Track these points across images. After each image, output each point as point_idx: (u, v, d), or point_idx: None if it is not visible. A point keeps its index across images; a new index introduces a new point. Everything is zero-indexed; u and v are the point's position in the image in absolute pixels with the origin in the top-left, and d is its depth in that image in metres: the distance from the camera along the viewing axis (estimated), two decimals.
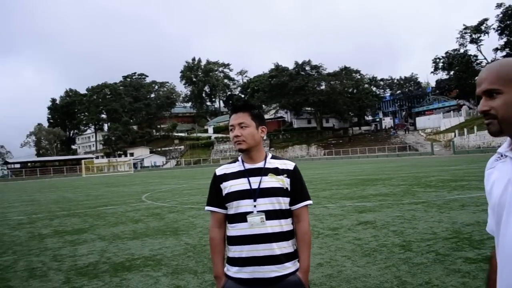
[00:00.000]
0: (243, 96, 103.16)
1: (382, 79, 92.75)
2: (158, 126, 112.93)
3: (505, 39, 72.84)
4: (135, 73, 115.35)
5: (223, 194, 2.25)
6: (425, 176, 19.36)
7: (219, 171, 2.34)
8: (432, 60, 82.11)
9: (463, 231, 6.78)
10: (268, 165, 2.27)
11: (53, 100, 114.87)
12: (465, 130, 57.30)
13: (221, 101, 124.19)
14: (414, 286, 4.40)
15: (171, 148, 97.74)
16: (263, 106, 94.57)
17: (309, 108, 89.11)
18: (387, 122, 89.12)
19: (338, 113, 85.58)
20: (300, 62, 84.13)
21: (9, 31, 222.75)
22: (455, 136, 59.48)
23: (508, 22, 70.01)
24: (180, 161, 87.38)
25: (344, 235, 7.13)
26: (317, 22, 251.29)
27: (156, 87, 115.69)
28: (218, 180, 2.30)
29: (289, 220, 2.25)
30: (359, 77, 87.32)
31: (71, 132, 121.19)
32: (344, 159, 64.99)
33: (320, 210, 10.25)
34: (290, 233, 2.23)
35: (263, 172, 2.24)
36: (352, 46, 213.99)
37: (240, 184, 2.22)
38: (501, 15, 70.20)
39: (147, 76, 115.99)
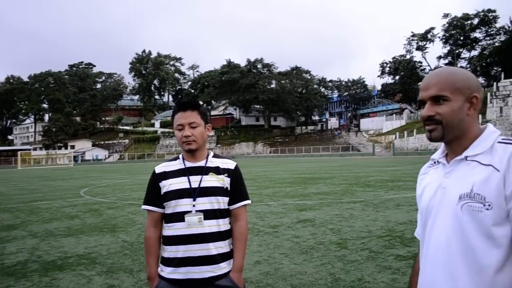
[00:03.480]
0: (193, 91, 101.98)
1: (331, 81, 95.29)
2: (103, 119, 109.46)
3: (448, 48, 77.02)
4: (81, 62, 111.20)
5: (162, 192, 2.20)
6: (365, 176, 20.01)
7: (159, 168, 2.27)
8: (380, 64, 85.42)
9: (396, 230, 7.05)
10: (209, 164, 2.24)
11: None
12: (405, 132, 59.78)
13: (170, 95, 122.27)
14: (347, 283, 4.51)
15: (115, 141, 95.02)
16: (213, 102, 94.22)
17: (258, 106, 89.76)
18: (333, 122, 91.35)
19: (287, 112, 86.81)
20: (252, 59, 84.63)
21: None
22: (395, 138, 61.92)
23: (452, 32, 74.05)
24: (124, 155, 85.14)
25: (283, 232, 7.21)
26: (272, 18, 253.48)
27: (103, 77, 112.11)
28: (157, 178, 2.24)
29: (227, 220, 2.23)
30: (309, 77, 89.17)
31: (8, 122, 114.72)
32: (290, 157, 65.91)
33: (262, 207, 10.33)
34: (227, 232, 2.22)
35: (204, 171, 2.21)
36: (304, 45, 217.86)
37: (179, 183, 2.18)
38: (446, 25, 74.06)
39: (94, 66, 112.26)
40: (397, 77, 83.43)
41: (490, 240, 1.24)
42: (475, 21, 71.97)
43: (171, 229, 2.16)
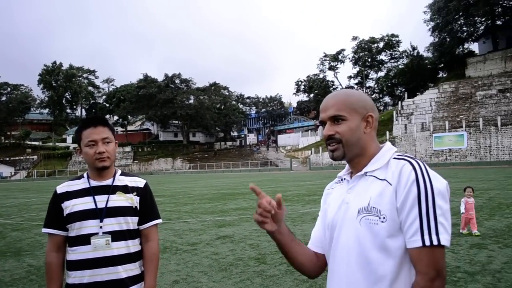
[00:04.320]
0: (108, 105, 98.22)
1: (248, 97, 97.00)
2: (8, 133, 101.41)
3: (357, 69, 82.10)
4: None
5: (64, 214, 2.05)
6: (283, 190, 20.46)
7: (60, 188, 2.12)
8: (295, 82, 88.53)
9: None
10: (117, 183, 2.14)
11: None
12: (320, 148, 62.19)
13: (83, 109, 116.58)
14: None
15: (22, 157, 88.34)
16: (129, 116, 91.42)
17: (177, 122, 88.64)
18: (252, 138, 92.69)
19: (205, 127, 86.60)
20: (170, 74, 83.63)
21: None
22: (311, 153, 64.17)
23: (361, 54, 79.01)
24: (32, 172, 79.41)
25: (202, 250, 7.13)
26: (188, 30, 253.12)
27: (9, 89, 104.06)
28: (59, 198, 2.09)
29: (136, 241, 2.13)
30: (227, 93, 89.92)
31: None
32: (209, 173, 65.68)
33: (180, 225, 10.14)
34: (137, 254, 2.12)
35: (111, 190, 2.10)
36: (222, 61, 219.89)
37: (84, 203, 2.05)
38: (355, 47, 78.91)
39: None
40: (311, 95, 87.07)
41: (385, 251, 1.29)
42: (381, 44, 77.57)
43: (75, 253, 2.03)
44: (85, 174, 2.16)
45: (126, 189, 2.13)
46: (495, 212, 10.21)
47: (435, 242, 1.23)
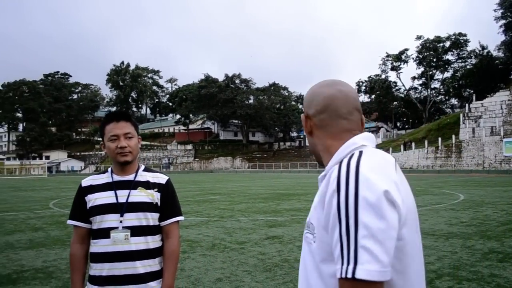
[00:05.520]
0: (170, 104, 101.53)
1: None
2: (79, 130, 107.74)
3: (422, 69, 78.82)
4: (57, 72, 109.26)
5: (87, 207, 2.10)
6: None
7: (85, 182, 2.18)
8: (356, 83, 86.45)
9: None
10: (139, 178, 2.16)
11: None
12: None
13: (148, 108, 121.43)
14: None
15: (91, 153, 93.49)
16: (191, 115, 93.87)
17: (237, 121, 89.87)
18: None
19: (265, 127, 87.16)
20: (230, 74, 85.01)
21: None
22: None
23: (425, 54, 75.83)
24: (100, 167, 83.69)
25: (249, 249, 7.13)
26: (249, 32, 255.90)
27: (80, 88, 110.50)
28: (83, 192, 2.14)
29: (157, 237, 2.14)
30: (286, 94, 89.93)
31: None
32: (268, 173, 65.94)
33: (231, 223, 10.22)
34: (157, 250, 2.13)
35: (132, 185, 2.12)
36: (282, 61, 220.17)
37: (106, 198, 2.09)
38: (420, 47, 75.88)
39: (71, 76, 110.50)
40: (373, 96, 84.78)
41: (321, 277, 1.05)
42: (447, 43, 73.99)
43: (96, 246, 2.08)
44: (109, 169, 2.21)
45: (147, 185, 2.15)
46: None
47: (348, 275, 0.91)
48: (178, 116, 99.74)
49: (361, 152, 1.08)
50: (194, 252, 6.87)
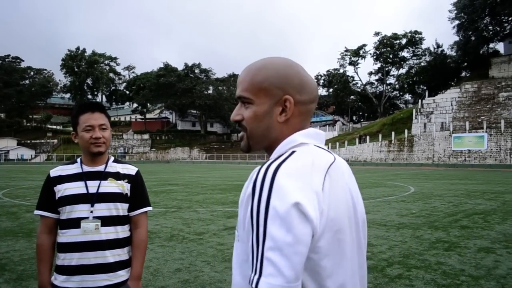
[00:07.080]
0: (127, 92, 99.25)
1: None
2: (30, 116, 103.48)
3: (378, 65, 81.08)
4: (8, 55, 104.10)
5: (56, 197, 2.10)
6: None
7: (54, 172, 2.17)
8: (314, 76, 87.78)
9: None
10: (109, 169, 2.18)
11: None
12: (337, 143, 61.91)
13: (103, 96, 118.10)
14: None
15: (42, 141, 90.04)
16: (148, 104, 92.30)
17: (195, 111, 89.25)
18: None
19: (223, 118, 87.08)
20: (190, 63, 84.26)
21: None
22: (329, 148, 63.94)
23: (383, 50, 77.96)
24: (52, 156, 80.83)
25: (208, 240, 7.20)
26: (207, 14, 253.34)
27: (32, 73, 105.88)
28: (52, 182, 2.13)
29: (126, 227, 2.18)
30: None
31: None
32: (225, 164, 65.96)
33: (189, 214, 10.24)
34: (126, 240, 2.17)
35: (102, 176, 2.15)
36: (242, 50, 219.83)
37: (76, 188, 2.09)
38: (377, 43, 77.88)
39: (23, 61, 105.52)
40: (330, 90, 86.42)
41: (242, 275, 1.00)
42: (404, 41, 76.40)
43: (65, 236, 2.08)
44: (78, 160, 2.21)
45: (117, 176, 2.18)
46: (508, 216, 10.04)
47: (253, 285, 0.87)
48: (135, 105, 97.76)
49: (292, 153, 1.00)
50: (153, 243, 6.86)
